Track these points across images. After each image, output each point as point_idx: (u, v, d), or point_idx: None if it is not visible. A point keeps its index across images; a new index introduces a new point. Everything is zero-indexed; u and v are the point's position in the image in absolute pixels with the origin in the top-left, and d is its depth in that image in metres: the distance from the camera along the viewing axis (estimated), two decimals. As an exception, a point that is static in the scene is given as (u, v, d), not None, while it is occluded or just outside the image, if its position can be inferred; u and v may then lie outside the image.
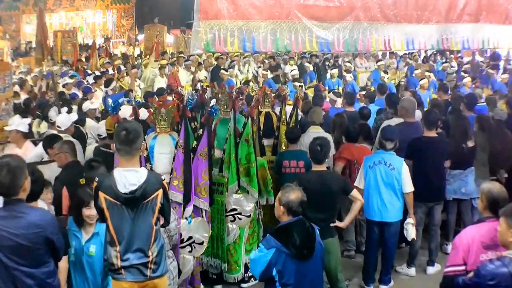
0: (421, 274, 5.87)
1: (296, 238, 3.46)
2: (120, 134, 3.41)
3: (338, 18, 6.51)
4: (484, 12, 7.77)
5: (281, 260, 3.45)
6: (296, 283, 3.48)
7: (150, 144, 4.79)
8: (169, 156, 4.78)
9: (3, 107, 6.90)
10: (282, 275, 3.47)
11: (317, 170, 4.80)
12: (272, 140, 6.34)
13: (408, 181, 5.30)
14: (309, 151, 4.84)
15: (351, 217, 4.98)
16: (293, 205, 3.56)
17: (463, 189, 6.16)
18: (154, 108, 4.88)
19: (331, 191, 4.71)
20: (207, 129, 4.96)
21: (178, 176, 4.65)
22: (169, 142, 4.85)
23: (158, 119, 4.89)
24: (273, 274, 3.47)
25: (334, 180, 4.83)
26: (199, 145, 4.85)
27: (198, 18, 5.69)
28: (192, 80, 13.03)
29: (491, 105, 7.71)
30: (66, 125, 6.21)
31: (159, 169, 4.68)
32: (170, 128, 4.98)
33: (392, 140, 5.35)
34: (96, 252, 3.86)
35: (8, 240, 3.07)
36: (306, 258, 3.49)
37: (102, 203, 3.39)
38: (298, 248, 3.45)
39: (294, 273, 3.47)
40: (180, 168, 4.66)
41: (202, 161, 4.87)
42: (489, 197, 3.58)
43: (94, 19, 23.78)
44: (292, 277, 3.47)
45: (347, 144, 6.08)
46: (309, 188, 4.45)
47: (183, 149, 4.65)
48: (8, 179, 3.09)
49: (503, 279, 3.10)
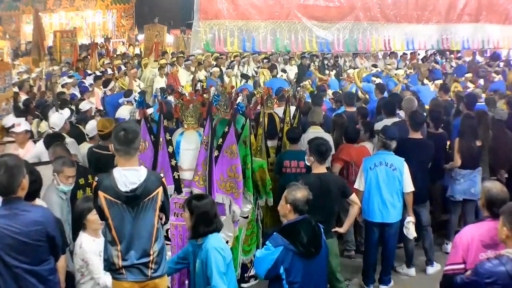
0: (421, 274, 5.87)
1: (303, 236, 3.51)
2: (118, 134, 3.41)
3: (338, 18, 6.50)
4: (484, 12, 7.77)
5: (289, 258, 3.49)
6: (302, 281, 3.52)
7: (177, 140, 4.80)
8: (195, 152, 4.74)
9: (3, 107, 6.90)
10: (289, 273, 3.51)
11: (317, 173, 4.78)
12: (275, 141, 6.34)
13: (408, 181, 5.31)
14: (311, 150, 4.79)
15: (349, 222, 5.00)
16: (299, 203, 3.62)
17: (472, 189, 6.14)
18: (181, 105, 4.88)
19: (331, 193, 4.71)
20: (234, 126, 4.91)
21: (199, 173, 4.63)
22: (196, 139, 4.81)
23: (186, 115, 4.88)
24: (280, 272, 3.51)
25: (334, 182, 4.82)
26: (225, 142, 4.80)
27: (198, 18, 5.69)
28: (192, 80, 13.04)
29: (490, 105, 7.71)
30: (59, 125, 6.18)
31: (184, 165, 4.71)
32: (198, 124, 4.95)
33: (395, 140, 5.36)
34: None
35: (9, 238, 3.08)
36: (313, 256, 3.54)
37: (102, 202, 3.39)
38: (305, 246, 3.49)
39: (301, 271, 3.51)
40: (202, 165, 4.64)
41: (228, 158, 4.81)
42: (487, 196, 3.59)
43: (94, 19, 23.78)
44: (299, 275, 3.51)
45: (346, 145, 6.07)
46: (309, 190, 4.46)
47: (205, 146, 4.63)
48: (5, 178, 3.09)
49: (501, 278, 3.12)
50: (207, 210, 3.66)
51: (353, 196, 4.87)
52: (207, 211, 3.66)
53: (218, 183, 4.75)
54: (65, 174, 4.35)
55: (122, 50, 20.00)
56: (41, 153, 5.57)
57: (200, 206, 3.67)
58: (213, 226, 3.65)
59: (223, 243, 3.69)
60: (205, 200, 3.74)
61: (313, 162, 4.80)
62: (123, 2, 23.59)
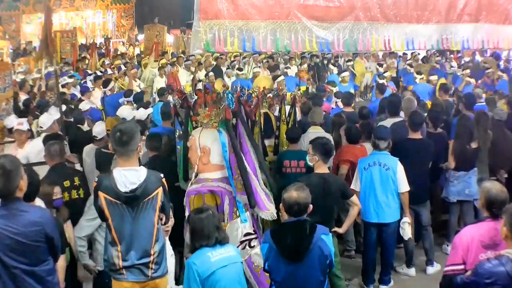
0: (421, 274, 5.87)
1: (288, 238, 3.47)
2: (115, 135, 3.43)
3: (338, 18, 6.48)
4: (484, 12, 7.75)
5: (272, 256, 3.51)
6: (282, 282, 3.51)
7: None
8: (218, 149, 4.65)
9: (3, 107, 6.90)
10: (272, 271, 3.55)
11: (320, 173, 4.79)
12: (272, 140, 6.34)
13: (403, 180, 5.30)
14: (315, 150, 4.77)
15: (349, 223, 5.01)
16: (286, 205, 3.57)
17: (467, 190, 6.16)
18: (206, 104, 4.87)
19: (332, 194, 4.74)
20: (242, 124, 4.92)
21: (236, 177, 4.59)
22: (215, 136, 4.70)
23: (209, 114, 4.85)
24: (265, 267, 3.58)
25: (335, 183, 4.84)
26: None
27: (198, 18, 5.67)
28: (192, 80, 13.04)
29: (491, 105, 7.71)
30: (47, 125, 6.20)
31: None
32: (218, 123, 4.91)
33: (385, 139, 5.36)
34: None
35: (8, 238, 3.07)
36: (294, 259, 3.47)
37: (102, 203, 3.39)
38: (286, 248, 3.46)
39: (283, 272, 3.50)
40: (235, 169, 4.60)
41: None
42: (486, 197, 3.59)
43: (94, 19, 23.80)
44: (279, 275, 3.51)
45: (348, 145, 6.07)
46: (310, 190, 4.46)
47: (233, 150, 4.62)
48: (3, 181, 3.09)
49: (500, 278, 3.12)
50: (203, 225, 3.46)
51: (354, 197, 4.88)
52: (203, 226, 3.46)
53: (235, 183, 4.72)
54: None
55: (122, 50, 20.00)
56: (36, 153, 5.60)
57: (196, 220, 3.50)
58: (211, 240, 3.45)
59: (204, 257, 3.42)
60: (203, 214, 3.52)
61: (317, 161, 4.80)
62: (123, 2, 23.60)
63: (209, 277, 3.36)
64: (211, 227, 3.46)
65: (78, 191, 4.93)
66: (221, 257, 3.44)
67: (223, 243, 3.52)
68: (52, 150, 4.93)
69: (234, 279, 3.50)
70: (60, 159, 4.93)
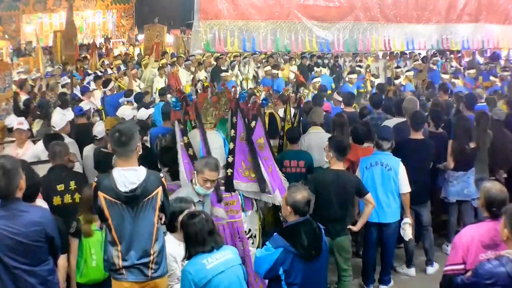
0: (421, 274, 5.87)
1: (304, 238, 3.50)
2: (113, 136, 3.43)
3: (338, 18, 6.49)
4: (484, 12, 7.75)
5: (289, 259, 3.48)
6: (302, 282, 3.51)
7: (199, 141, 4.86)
8: (221, 151, 4.88)
9: (3, 107, 6.89)
10: (289, 274, 3.50)
11: (335, 169, 4.86)
12: (277, 140, 6.35)
13: (404, 181, 5.31)
14: (331, 147, 4.84)
15: (363, 221, 5.03)
16: (300, 205, 3.59)
17: (465, 190, 6.17)
18: (205, 104, 5.00)
19: (347, 191, 4.80)
20: (260, 120, 5.08)
21: (248, 167, 4.78)
22: (218, 138, 4.96)
23: (206, 114, 5.03)
24: (279, 273, 3.50)
25: (350, 180, 4.89)
26: (253, 137, 4.99)
27: (198, 18, 5.67)
28: (192, 80, 13.04)
29: (491, 105, 7.71)
30: (60, 125, 6.18)
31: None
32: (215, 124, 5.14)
33: (388, 140, 5.36)
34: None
35: (8, 239, 3.08)
36: (314, 258, 3.52)
37: (102, 203, 3.39)
38: (306, 248, 3.48)
39: (301, 272, 3.50)
40: (248, 158, 4.82)
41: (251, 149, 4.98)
42: (486, 197, 3.59)
43: (94, 19, 23.78)
44: (299, 277, 3.50)
45: (352, 145, 6.05)
46: (325, 186, 4.51)
47: (245, 142, 4.88)
48: (3, 181, 3.09)
49: (501, 278, 3.12)
50: (196, 229, 3.35)
51: (368, 195, 4.91)
52: (196, 231, 3.35)
53: (242, 172, 4.85)
54: (204, 176, 4.17)
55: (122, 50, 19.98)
56: (40, 152, 5.58)
57: (189, 225, 3.39)
58: (206, 246, 3.34)
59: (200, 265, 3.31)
60: (195, 219, 3.40)
61: (331, 158, 4.88)
62: (123, 2, 23.60)
63: (206, 286, 3.26)
64: (204, 232, 3.35)
65: (73, 195, 4.77)
66: (217, 263, 3.31)
67: (219, 246, 3.40)
68: (55, 151, 4.90)
69: (233, 283, 3.38)
70: (60, 161, 4.92)
